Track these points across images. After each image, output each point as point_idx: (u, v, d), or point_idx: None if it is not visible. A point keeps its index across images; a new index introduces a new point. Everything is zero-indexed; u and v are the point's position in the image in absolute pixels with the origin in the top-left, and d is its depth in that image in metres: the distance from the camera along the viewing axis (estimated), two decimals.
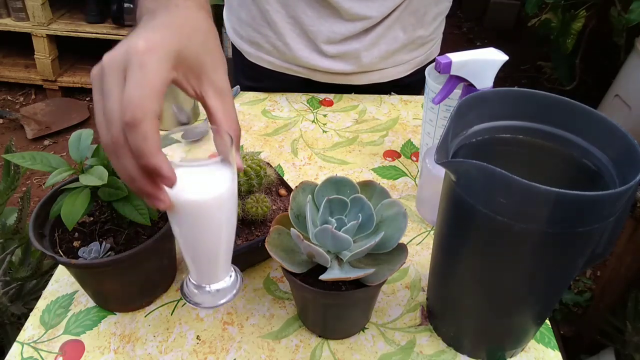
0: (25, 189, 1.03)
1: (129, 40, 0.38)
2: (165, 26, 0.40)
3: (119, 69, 0.37)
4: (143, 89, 0.36)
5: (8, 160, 0.84)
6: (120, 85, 0.36)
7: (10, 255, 0.93)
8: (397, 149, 0.87)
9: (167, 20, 0.42)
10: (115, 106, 0.36)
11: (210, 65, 0.43)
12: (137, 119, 0.35)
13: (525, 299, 0.50)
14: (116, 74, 0.37)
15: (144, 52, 0.36)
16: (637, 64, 1.90)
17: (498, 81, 0.65)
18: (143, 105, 0.35)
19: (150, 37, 0.38)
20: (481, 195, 0.43)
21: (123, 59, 0.37)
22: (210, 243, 0.44)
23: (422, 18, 0.90)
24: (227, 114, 0.44)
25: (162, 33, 0.39)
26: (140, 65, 0.36)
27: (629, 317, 1.21)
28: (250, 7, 0.90)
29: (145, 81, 0.36)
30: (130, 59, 0.36)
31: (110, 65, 0.37)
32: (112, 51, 0.38)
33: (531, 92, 0.51)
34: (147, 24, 0.41)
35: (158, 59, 0.37)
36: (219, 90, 0.44)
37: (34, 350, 0.56)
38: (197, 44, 0.42)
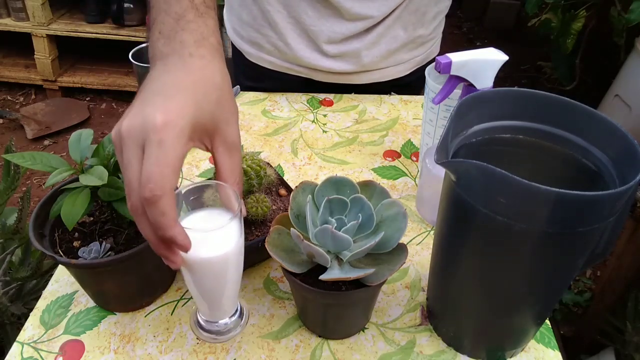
0: (25, 189, 1.03)
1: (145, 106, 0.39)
2: (181, 89, 0.41)
3: (137, 143, 0.38)
4: (161, 167, 0.37)
5: (8, 160, 0.84)
6: (138, 158, 0.38)
7: (10, 255, 0.93)
8: (397, 149, 0.87)
9: (182, 78, 0.42)
10: (134, 178, 0.38)
11: (224, 121, 0.44)
12: (156, 196, 0.37)
13: (525, 299, 0.50)
14: (135, 147, 0.38)
15: (162, 128, 0.37)
16: (637, 64, 1.90)
17: (498, 81, 0.65)
18: (162, 183, 0.37)
19: (167, 109, 0.38)
20: (481, 195, 0.43)
21: (141, 133, 0.38)
22: (218, 291, 0.48)
23: (423, 17, 0.90)
24: (233, 170, 0.45)
25: (179, 101, 0.40)
26: (158, 143, 0.37)
27: (629, 317, 1.21)
28: (251, 7, 0.90)
29: (164, 159, 0.37)
30: (149, 135, 0.37)
31: (129, 136, 0.38)
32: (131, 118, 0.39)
33: (531, 92, 0.51)
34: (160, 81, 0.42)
35: (175, 136, 0.38)
36: (229, 146, 0.45)
37: (34, 350, 0.56)
38: (212, 103, 0.43)
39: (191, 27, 0.46)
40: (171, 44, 0.45)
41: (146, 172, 0.37)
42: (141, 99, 0.41)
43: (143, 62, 0.83)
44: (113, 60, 2.60)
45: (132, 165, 0.38)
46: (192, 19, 0.46)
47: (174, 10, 0.46)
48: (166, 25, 0.46)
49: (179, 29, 0.45)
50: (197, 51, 0.44)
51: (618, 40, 2.01)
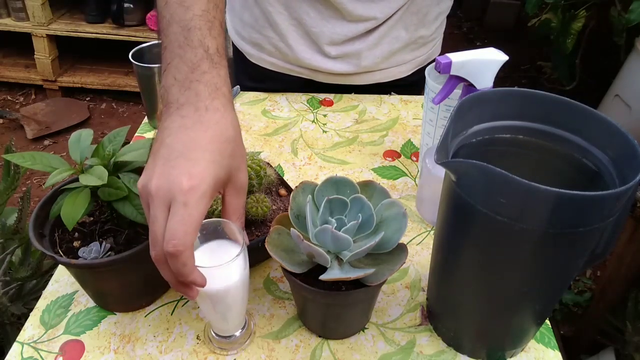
0: (25, 189, 1.03)
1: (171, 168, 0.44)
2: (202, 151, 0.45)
3: (164, 202, 0.43)
4: (185, 225, 0.42)
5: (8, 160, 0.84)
6: (164, 215, 0.43)
7: (10, 255, 0.93)
8: (397, 149, 0.87)
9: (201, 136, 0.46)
10: (159, 232, 0.43)
11: (235, 169, 0.49)
12: (179, 251, 0.42)
13: (525, 299, 0.50)
14: (162, 205, 0.43)
15: (187, 192, 0.43)
16: (637, 64, 1.90)
17: (498, 81, 0.65)
18: (184, 240, 0.42)
19: (192, 174, 0.43)
20: (481, 195, 0.43)
21: (168, 194, 0.43)
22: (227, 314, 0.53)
23: (424, 18, 0.90)
24: (238, 209, 0.51)
25: (201, 165, 0.44)
26: (184, 205, 0.42)
27: (629, 317, 1.21)
28: (252, 8, 0.90)
29: (188, 219, 0.42)
30: (175, 197, 0.43)
31: (157, 195, 0.43)
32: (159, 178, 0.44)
33: (531, 92, 0.51)
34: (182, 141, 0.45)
35: (199, 198, 0.43)
36: (238, 190, 0.50)
37: (34, 350, 0.56)
38: (227, 157, 0.47)
39: (206, 78, 0.48)
40: (186, 93, 0.47)
41: (171, 229, 0.42)
42: (165, 160, 0.45)
43: (143, 62, 0.83)
44: (113, 60, 2.60)
45: (158, 221, 0.43)
46: (206, 69, 0.48)
47: (189, 59, 0.48)
48: (181, 72, 0.48)
49: (194, 80, 0.48)
50: (212, 104, 0.47)
51: (618, 40, 2.00)
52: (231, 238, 0.52)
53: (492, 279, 0.49)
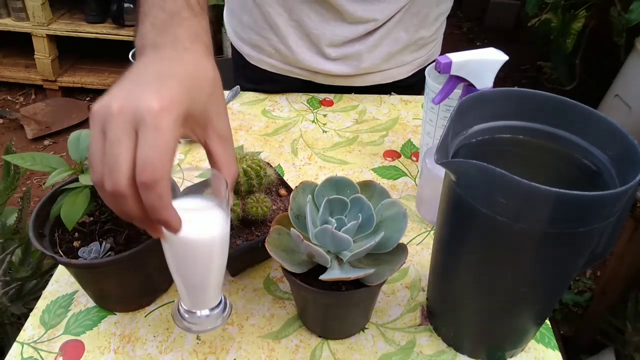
0: (25, 189, 1.03)
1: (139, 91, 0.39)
2: (177, 78, 0.41)
3: (130, 122, 0.37)
4: (160, 151, 0.37)
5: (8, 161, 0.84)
6: (131, 138, 0.37)
7: (10, 255, 0.93)
8: (397, 149, 0.87)
9: (177, 69, 0.42)
10: (123, 157, 0.37)
11: (215, 114, 0.45)
12: (155, 181, 0.37)
13: (525, 299, 0.50)
14: (126, 126, 0.37)
15: (159, 113, 0.37)
16: (637, 64, 1.90)
17: (498, 81, 0.65)
18: (160, 168, 0.37)
19: (163, 95, 0.39)
20: (481, 195, 0.43)
21: (135, 115, 0.37)
22: (201, 276, 0.47)
23: (424, 19, 0.90)
24: (228, 159, 0.46)
25: (174, 89, 0.40)
26: (155, 127, 0.37)
27: (629, 317, 1.21)
28: (252, 10, 0.90)
29: (162, 143, 0.37)
30: (144, 118, 0.37)
31: (121, 115, 0.38)
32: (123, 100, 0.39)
33: (531, 92, 0.51)
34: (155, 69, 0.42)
35: (172, 121, 0.38)
36: (222, 137, 0.46)
37: (34, 350, 0.56)
38: (205, 95, 0.43)
39: (186, 24, 0.46)
40: (164, 36, 0.45)
41: (144, 156, 0.37)
42: (134, 82, 0.40)
43: None
44: (113, 60, 2.60)
45: (121, 144, 0.37)
46: (187, 16, 0.47)
47: (168, 7, 0.47)
48: (159, 19, 0.46)
49: (174, 24, 0.46)
50: (191, 46, 0.45)
51: (618, 40, 2.00)
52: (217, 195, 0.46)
53: (492, 279, 0.49)
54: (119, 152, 0.37)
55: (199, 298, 0.50)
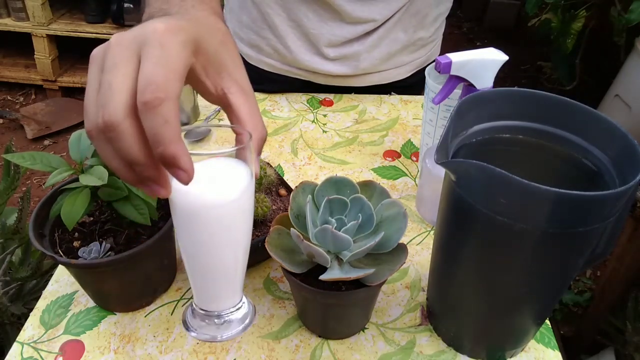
0: (25, 189, 1.03)
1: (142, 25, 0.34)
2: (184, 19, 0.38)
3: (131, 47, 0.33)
4: (166, 68, 0.32)
5: (8, 160, 0.84)
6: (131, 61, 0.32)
7: (10, 255, 0.93)
8: (397, 149, 0.87)
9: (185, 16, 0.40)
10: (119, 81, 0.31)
11: (231, 63, 0.40)
12: (160, 99, 0.31)
13: (525, 299, 0.50)
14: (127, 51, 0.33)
15: (164, 32, 0.33)
16: (637, 64, 1.90)
17: (498, 81, 0.65)
18: (166, 85, 0.31)
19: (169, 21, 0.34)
20: (481, 195, 0.43)
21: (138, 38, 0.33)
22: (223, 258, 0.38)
23: (423, 19, 0.90)
24: (253, 112, 0.40)
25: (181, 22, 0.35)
26: (161, 44, 0.32)
27: (629, 317, 1.21)
28: (251, 10, 0.90)
29: (168, 60, 0.32)
30: (148, 37, 0.32)
31: (121, 42, 0.33)
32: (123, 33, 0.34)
33: (531, 92, 0.51)
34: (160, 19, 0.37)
35: (180, 42, 0.33)
36: (243, 89, 0.40)
37: (34, 350, 0.56)
38: (216, 41, 0.38)
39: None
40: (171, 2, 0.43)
41: (148, 72, 0.31)
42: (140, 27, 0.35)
43: None
44: None
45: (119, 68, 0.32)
46: None
47: None
48: None
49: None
50: (200, 6, 0.43)
51: (618, 40, 2.00)
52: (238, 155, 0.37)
53: (492, 278, 0.49)
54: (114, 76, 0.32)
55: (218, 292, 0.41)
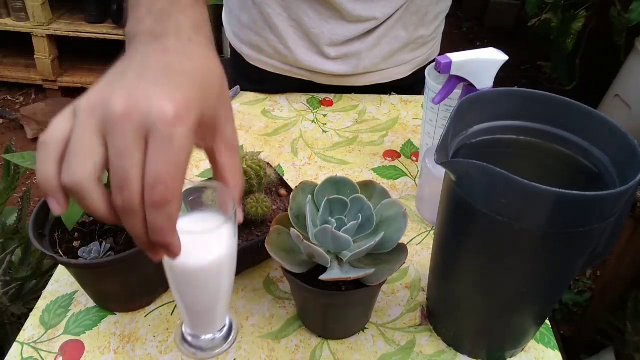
0: (25, 189, 1.03)
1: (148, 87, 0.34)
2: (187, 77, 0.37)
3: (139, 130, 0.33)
4: (174, 167, 0.33)
5: (8, 160, 0.84)
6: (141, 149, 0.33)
7: (10, 255, 0.93)
8: (397, 149, 0.87)
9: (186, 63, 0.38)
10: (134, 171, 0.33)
11: (224, 118, 0.40)
12: (166, 200, 0.33)
13: (525, 299, 0.50)
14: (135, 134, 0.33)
15: (173, 121, 0.33)
16: (637, 64, 1.90)
17: (498, 81, 0.65)
18: (174, 185, 0.33)
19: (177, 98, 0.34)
20: (481, 195, 0.43)
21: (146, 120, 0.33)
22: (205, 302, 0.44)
23: (424, 18, 0.90)
24: (235, 170, 0.42)
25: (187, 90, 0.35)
26: (169, 139, 0.33)
27: (629, 317, 1.21)
28: (251, 10, 0.90)
29: (176, 158, 0.33)
30: (157, 126, 0.33)
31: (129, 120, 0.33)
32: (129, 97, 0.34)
33: (531, 92, 0.51)
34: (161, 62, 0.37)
35: (186, 132, 0.34)
36: (230, 146, 0.41)
37: (34, 350, 0.56)
38: (215, 97, 0.39)
39: (188, 12, 0.41)
40: (165, 24, 0.40)
41: (156, 170, 0.33)
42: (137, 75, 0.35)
43: None
44: (113, 60, 2.56)
45: (131, 156, 0.33)
46: (189, 4, 0.42)
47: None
48: (157, 5, 0.40)
49: (174, 11, 0.40)
50: (196, 37, 0.41)
51: (618, 40, 2.01)
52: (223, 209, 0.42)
53: (492, 278, 0.49)
54: (131, 165, 0.33)
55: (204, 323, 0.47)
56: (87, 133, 0.33)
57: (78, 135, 0.33)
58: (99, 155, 0.33)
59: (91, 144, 0.33)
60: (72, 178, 0.33)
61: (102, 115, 0.33)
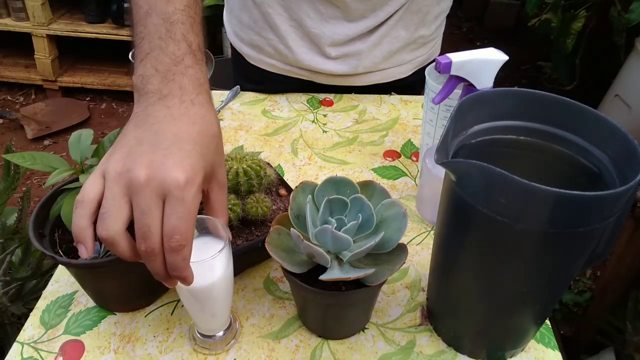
0: (25, 189, 1.03)
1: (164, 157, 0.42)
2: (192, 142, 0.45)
3: (158, 194, 0.42)
4: (185, 221, 0.42)
5: (8, 160, 0.84)
6: (159, 207, 0.42)
7: (10, 255, 0.93)
8: (397, 149, 0.87)
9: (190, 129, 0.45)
10: (155, 225, 0.42)
11: (218, 166, 0.49)
12: (182, 246, 0.42)
13: (525, 299, 0.50)
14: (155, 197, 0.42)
15: (184, 187, 0.42)
16: (637, 64, 1.91)
17: (498, 81, 0.65)
18: (187, 234, 0.42)
19: (185, 166, 0.43)
20: (481, 195, 0.43)
21: (163, 186, 0.42)
22: (210, 311, 0.53)
23: (425, 17, 0.90)
24: (222, 206, 0.51)
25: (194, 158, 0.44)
26: (182, 201, 0.42)
27: (629, 317, 1.21)
28: (251, 10, 0.90)
29: (187, 215, 0.42)
30: (172, 191, 0.42)
31: (149, 186, 0.42)
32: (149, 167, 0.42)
33: (531, 92, 0.51)
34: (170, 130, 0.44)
35: (195, 191, 0.43)
36: (221, 185, 0.50)
37: (34, 350, 0.56)
38: (212, 152, 0.47)
39: (190, 73, 0.47)
40: (170, 84, 0.46)
41: (172, 225, 0.42)
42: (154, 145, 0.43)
43: None
44: (113, 60, 2.59)
45: (152, 213, 0.42)
46: (190, 64, 0.48)
47: (171, 51, 0.47)
48: (163, 64, 0.47)
49: (178, 73, 0.47)
50: (197, 98, 0.47)
51: (618, 40, 2.01)
52: (214, 235, 0.52)
53: (492, 278, 0.49)
54: (152, 221, 0.42)
55: (211, 325, 0.56)
56: (116, 197, 0.42)
57: (109, 200, 0.42)
58: (126, 213, 0.42)
59: (120, 205, 0.42)
60: (107, 233, 0.42)
61: (127, 182, 0.42)
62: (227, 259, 0.50)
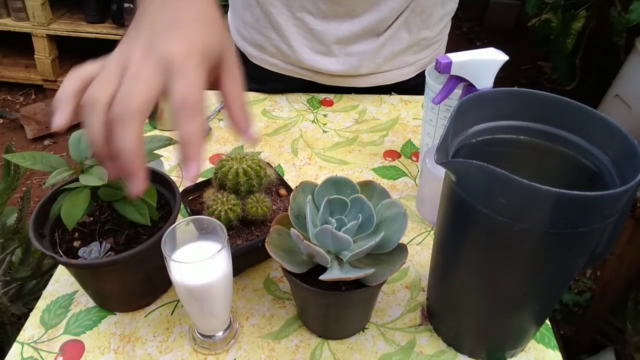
0: (25, 189, 1.03)
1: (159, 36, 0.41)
2: (192, 21, 0.43)
3: (157, 64, 0.40)
4: (196, 87, 0.40)
5: (8, 160, 0.84)
6: (157, 73, 0.40)
7: (10, 255, 0.93)
8: (397, 149, 0.87)
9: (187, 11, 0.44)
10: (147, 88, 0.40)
11: (227, 50, 0.47)
12: (197, 112, 0.40)
13: (525, 299, 0.50)
14: (154, 65, 0.40)
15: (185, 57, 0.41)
16: (637, 64, 1.90)
17: (498, 81, 0.65)
18: (201, 100, 0.41)
19: (188, 39, 0.41)
20: (481, 195, 0.43)
21: (163, 58, 0.40)
22: (211, 312, 0.53)
23: (428, 19, 0.90)
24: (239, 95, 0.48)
25: (194, 31, 0.43)
26: (185, 70, 0.40)
27: (629, 317, 1.21)
28: (254, 9, 0.90)
29: (196, 80, 0.41)
30: (174, 60, 0.40)
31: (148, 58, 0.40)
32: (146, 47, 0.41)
33: (531, 92, 0.51)
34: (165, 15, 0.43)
35: (197, 63, 0.41)
36: (233, 72, 0.48)
37: (34, 350, 0.56)
38: (218, 34, 0.45)
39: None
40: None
41: (182, 89, 0.40)
42: (150, 30, 0.42)
43: None
44: None
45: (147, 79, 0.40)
46: None
47: None
48: None
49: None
50: None
51: (618, 40, 2.01)
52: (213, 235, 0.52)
53: (492, 279, 0.49)
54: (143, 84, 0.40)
55: (210, 325, 0.56)
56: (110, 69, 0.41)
57: (101, 73, 0.41)
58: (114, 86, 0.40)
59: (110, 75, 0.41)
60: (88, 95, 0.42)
61: (124, 60, 0.41)
62: (226, 259, 0.50)
